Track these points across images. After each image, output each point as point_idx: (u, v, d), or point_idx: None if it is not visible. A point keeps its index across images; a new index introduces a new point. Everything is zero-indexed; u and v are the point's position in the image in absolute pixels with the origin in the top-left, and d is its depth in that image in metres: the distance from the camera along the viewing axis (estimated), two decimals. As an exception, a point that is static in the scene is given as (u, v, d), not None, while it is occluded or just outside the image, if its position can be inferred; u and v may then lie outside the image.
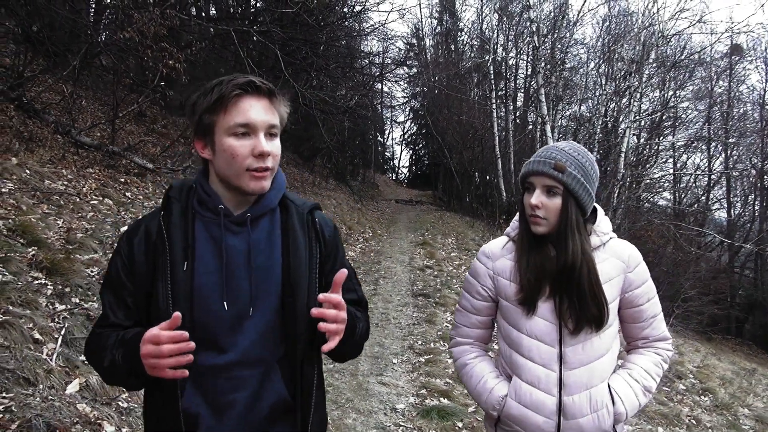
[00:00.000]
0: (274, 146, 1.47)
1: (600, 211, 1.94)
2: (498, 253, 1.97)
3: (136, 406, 3.50)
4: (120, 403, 3.46)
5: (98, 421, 3.16)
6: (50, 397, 3.11)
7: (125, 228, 1.29)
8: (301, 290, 1.51)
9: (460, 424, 4.51)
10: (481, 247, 2.04)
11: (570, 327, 1.81)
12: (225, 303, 1.45)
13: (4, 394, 2.96)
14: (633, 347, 2.01)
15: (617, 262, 1.87)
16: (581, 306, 1.79)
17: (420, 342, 6.62)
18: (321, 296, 1.41)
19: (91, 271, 4.72)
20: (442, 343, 6.66)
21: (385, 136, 47.23)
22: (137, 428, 3.32)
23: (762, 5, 23.81)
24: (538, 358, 1.85)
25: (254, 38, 12.64)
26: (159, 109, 13.71)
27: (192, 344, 1.31)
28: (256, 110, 1.43)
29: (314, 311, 1.40)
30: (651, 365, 1.94)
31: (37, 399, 3.04)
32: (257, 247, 1.50)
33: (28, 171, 6.58)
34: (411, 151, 47.56)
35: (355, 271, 1.76)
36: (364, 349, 1.76)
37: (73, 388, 3.33)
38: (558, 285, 1.82)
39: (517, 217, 1.97)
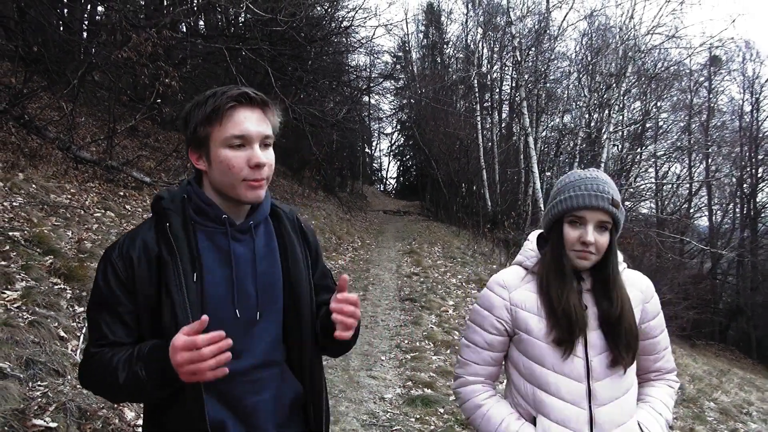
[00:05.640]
0: (269, 156, 1.48)
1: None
2: (515, 283, 1.85)
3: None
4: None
5: (119, 407, 3.57)
6: (78, 386, 3.52)
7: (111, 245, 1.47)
8: (304, 292, 1.57)
9: (441, 410, 4.97)
10: (492, 277, 1.91)
11: (607, 362, 1.73)
12: (237, 310, 1.47)
13: (39, 383, 3.38)
14: (644, 380, 1.94)
15: (637, 292, 1.83)
16: (623, 343, 1.72)
17: (406, 341, 7.07)
18: (341, 296, 1.46)
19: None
20: (427, 342, 7.11)
21: (373, 148, 47.67)
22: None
23: (733, 20, 24.72)
24: (567, 396, 1.73)
25: (244, 54, 13.06)
26: (152, 124, 14.11)
27: (230, 341, 1.29)
28: (251, 121, 1.44)
29: (333, 306, 1.45)
30: (667, 398, 1.88)
31: (67, 387, 3.45)
32: (259, 254, 1.53)
33: (34, 186, 6.98)
34: (399, 163, 47.81)
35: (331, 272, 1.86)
36: (354, 347, 1.84)
37: (96, 378, 3.73)
38: (599, 323, 1.76)
39: (528, 245, 1.89)
